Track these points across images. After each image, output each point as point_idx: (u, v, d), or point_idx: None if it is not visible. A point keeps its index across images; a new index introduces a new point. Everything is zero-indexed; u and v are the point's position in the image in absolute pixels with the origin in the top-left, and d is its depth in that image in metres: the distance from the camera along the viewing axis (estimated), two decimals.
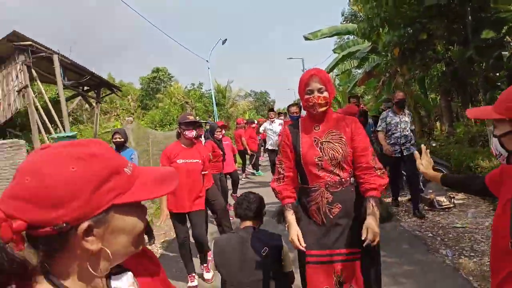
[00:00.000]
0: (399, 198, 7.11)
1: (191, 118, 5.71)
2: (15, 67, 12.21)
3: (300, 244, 2.28)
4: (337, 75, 20.72)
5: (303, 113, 3.06)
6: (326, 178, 2.39)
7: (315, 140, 2.43)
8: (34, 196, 0.75)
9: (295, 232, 2.33)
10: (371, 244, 2.17)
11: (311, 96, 2.38)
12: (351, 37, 14.20)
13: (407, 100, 7.35)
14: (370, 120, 7.61)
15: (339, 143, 2.39)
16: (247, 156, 12.38)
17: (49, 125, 12.27)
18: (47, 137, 11.94)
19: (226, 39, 21.13)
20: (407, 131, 6.29)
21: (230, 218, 5.33)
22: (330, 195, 2.38)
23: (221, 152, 6.72)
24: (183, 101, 22.16)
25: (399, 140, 6.26)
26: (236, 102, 40.26)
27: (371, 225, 2.17)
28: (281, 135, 2.70)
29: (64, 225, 0.77)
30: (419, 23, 8.04)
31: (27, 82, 11.84)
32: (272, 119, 9.93)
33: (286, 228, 2.40)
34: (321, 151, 2.39)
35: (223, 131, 7.41)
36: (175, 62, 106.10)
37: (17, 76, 12.17)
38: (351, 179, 2.44)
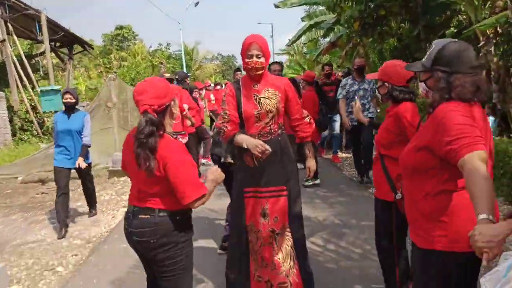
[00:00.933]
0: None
1: (167, 75, 6.52)
2: None
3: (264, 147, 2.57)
4: (304, 43, 21.62)
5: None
6: (260, 128, 2.79)
7: (254, 96, 2.79)
8: (156, 95, 1.95)
9: (257, 141, 2.61)
10: (293, 183, 2.84)
11: (250, 60, 2.71)
12: (320, 7, 14.98)
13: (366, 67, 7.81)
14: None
15: (274, 99, 2.79)
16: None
17: (25, 79, 12.54)
18: (33, 92, 12.28)
19: (198, 2, 21.35)
20: (366, 98, 6.25)
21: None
22: (263, 142, 2.64)
23: (198, 108, 7.50)
24: (153, 61, 22.32)
25: None
26: (203, 64, 40.35)
27: (312, 166, 3.01)
28: (226, 89, 3.01)
29: (168, 104, 1.97)
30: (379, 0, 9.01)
31: (4, 36, 12.00)
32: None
33: (245, 146, 2.65)
34: (259, 105, 2.77)
35: (201, 92, 8.15)
36: (140, 20, 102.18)
37: None
38: (279, 130, 2.85)
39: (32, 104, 12.35)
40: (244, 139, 2.69)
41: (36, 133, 12.22)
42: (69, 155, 4.98)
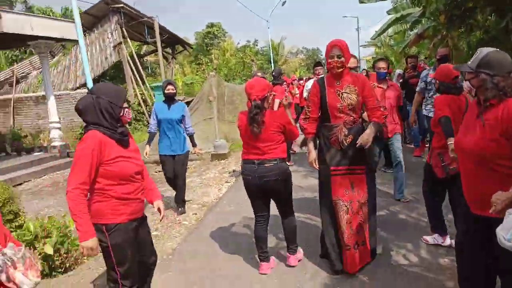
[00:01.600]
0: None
1: (259, 74, 7.23)
2: (110, 26, 14.43)
3: (315, 165, 3.47)
4: (390, 36, 21.49)
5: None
6: (344, 118, 3.32)
7: (337, 91, 3.33)
8: (260, 89, 3.27)
9: (312, 157, 3.49)
10: (371, 164, 3.44)
11: (332, 60, 3.26)
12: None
13: (450, 56, 7.43)
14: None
15: (354, 93, 3.30)
16: None
17: (137, 76, 14.53)
18: (144, 87, 14.24)
19: (285, 1, 22.29)
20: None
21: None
22: (346, 130, 3.31)
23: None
24: (244, 58, 23.75)
25: None
26: (288, 59, 41.24)
27: (364, 135, 3.23)
28: (311, 88, 3.57)
29: (266, 95, 3.30)
30: None
31: (120, 39, 14.06)
32: (319, 76, 7.08)
33: (307, 153, 3.55)
34: (341, 99, 3.30)
35: (293, 86, 8.95)
36: (229, 17, 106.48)
37: (111, 34, 14.41)
38: (360, 119, 3.41)
39: (143, 97, 14.28)
40: (309, 149, 3.54)
41: (147, 122, 14.15)
42: (170, 143, 5.19)
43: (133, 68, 14.23)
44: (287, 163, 3.53)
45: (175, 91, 5.28)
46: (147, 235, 2.70)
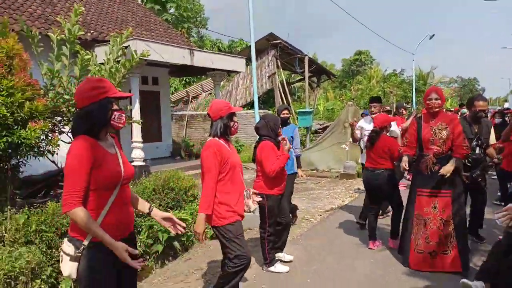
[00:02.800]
0: None
1: (387, 108, 8.25)
2: (268, 58, 17.05)
3: (404, 166, 4.36)
4: None
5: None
6: (434, 149, 4.13)
7: (431, 128, 4.16)
8: (383, 120, 5.03)
9: (405, 161, 4.34)
10: (457, 188, 4.17)
11: (430, 101, 4.14)
12: None
13: None
14: None
15: (444, 130, 4.11)
16: None
17: (285, 101, 16.78)
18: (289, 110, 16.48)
19: (433, 35, 22.43)
20: None
21: None
22: (434, 159, 4.13)
23: None
24: (384, 87, 24.47)
25: None
26: None
27: (445, 167, 4.02)
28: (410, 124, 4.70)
29: (386, 124, 5.05)
30: None
31: (275, 70, 16.52)
32: (373, 114, 5.94)
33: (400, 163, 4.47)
34: (433, 134, 4.14)
35: None
36: (377, 45, 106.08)
37: (268, 65, 17.00)
38: (449, 152, 4.13)
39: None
40: (403, 160, 4.39)
41: None
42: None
43: (282, 94, 16.51)
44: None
45: (289, 115, 5.74)
46: None
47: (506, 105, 26.35)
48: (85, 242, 2.08)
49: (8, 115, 4.54)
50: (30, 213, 4.17)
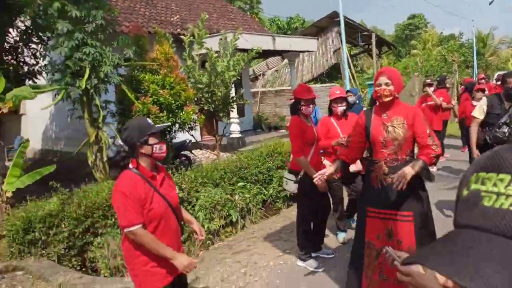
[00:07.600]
0: None
1: (428, 81, 8.19)
2: (331, 34, 18.38)
3: (317, 175, 3.05)
4: None
5: None
6: (386, 154, 2.91)
7: (383, 124, 2.93)
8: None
9: (328, 170, 3.06)
10: (421, 208, 2.90)
11: (379, 88, 2.89)
12: None
13: None
14: None
15: (401, 128, 2.87)
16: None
17: (350, 75, 18.10)
18: (353, 82, 17.84)
19: (493, 0, 22.29)
20: None
21: None
22: (386, 168, 2.91)
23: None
24: (446, 55, 24.48)
25: None
26: (498, 50, 38.17)
27: (401, 171, 2.71)
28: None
29: None
30: None
31: (339, 45, 17.84)
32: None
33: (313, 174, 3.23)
34: (386, 133, 2.90)
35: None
36: (432, 10, 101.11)
37: (332, 41, 18.35)
38: (407, 157, 2.89)
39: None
40: (328, 165, 3.78)
41: None
42: None
43: (346, 67, 17.85)
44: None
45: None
46: None
47: None
48: (301, 173, 3.92)
49: (173, 102, 6.59)
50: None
